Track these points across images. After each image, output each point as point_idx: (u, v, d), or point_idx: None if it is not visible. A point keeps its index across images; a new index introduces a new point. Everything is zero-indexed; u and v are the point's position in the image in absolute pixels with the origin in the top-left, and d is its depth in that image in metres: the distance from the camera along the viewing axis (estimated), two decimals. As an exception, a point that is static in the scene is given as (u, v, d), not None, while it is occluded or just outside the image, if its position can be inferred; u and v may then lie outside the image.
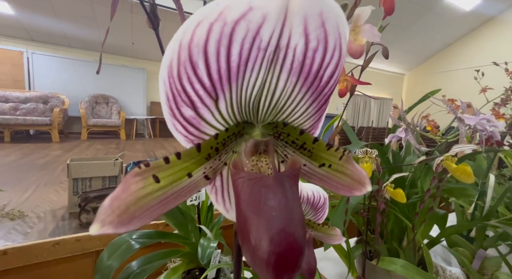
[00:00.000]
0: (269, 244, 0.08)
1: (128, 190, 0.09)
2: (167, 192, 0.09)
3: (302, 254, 0.08)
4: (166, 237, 0.52)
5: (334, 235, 0.26)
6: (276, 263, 0.07)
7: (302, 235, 0.08)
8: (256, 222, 0.08)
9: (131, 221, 0.09)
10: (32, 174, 1.78)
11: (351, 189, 0.13)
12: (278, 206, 0.08)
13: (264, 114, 0.11)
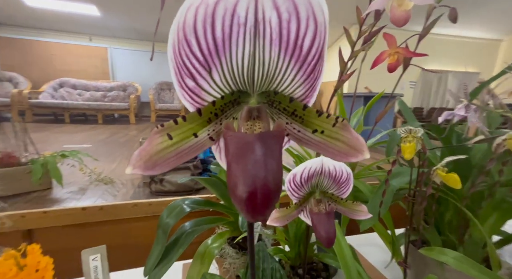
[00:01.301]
0: (243, 185, 0.09)
1: (151, 144, 0.12)
2: (179, 147, 0.12)
3: (271, 197, 0.09)
4: (213, 206, 0.59)
5: (358, 211, 0.26)
6: (248, 201, 0.09)
7: (272, 181, 0.10)
8: (235, 168, 0.10)
9: (154, 167, 0.12)
10: (117, 150, 2.19)
11: (347, 155, 0.13)
12: (254, 157, 0.10)
13: (259, 84, 0.12)
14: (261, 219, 0.10)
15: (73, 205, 1.11)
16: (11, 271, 0.17)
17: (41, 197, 1.20)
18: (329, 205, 0.25)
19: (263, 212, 0.10)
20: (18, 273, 0.17)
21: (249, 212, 0.09)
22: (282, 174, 0.11)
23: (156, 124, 0.12)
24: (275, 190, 0.10)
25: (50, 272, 0.19)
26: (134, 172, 0.12)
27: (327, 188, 0.26)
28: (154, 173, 0.12)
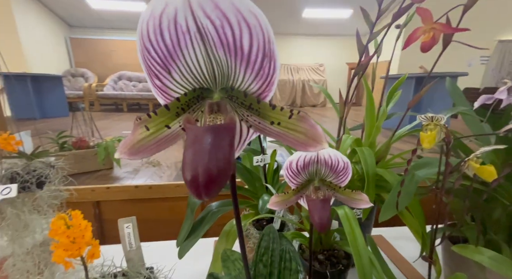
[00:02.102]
0: (187, 170, 0.11)
1: (133, 135, 0.14)
2: (157, 137, 0.15)
3: (212, 181, 0.11)
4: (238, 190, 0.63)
5: (358, 199, 0.26)
6: (191, 183, 0.11)
7: (214, 168, 0.11)
8: (185, 155, 0.12)
9: (137, 154, 0.15)
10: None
11: (306, 145, 0.14)
12: (199, 146, 0.11)
13: (220, 81, 0.14)
14: (205, 198, 0.12)
15: (128, 183, 1.30)
16: (61, 228, 0.23)
17: (105, 175, 1.42)
18: (327, 193, 0.26)
19: (206, 193, 0.11)
20: (65, 230, 0.23)
21: (193, 193, 0.11)
22: (230, 161, 0.12)
23: (137, 118, 0.14)
24: (217, 176, 0.11)
25: (89, 232, 0.24)
26: (121, 157, 0.15)
27: (325, 176, 0.26)
28: (139, 158, 0.15)
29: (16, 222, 0.46)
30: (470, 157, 0.32)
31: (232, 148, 0.12)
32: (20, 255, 0.45)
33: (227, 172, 0.12)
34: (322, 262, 0.53)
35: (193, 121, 0.13)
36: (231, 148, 0.12)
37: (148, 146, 0.15)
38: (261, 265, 0.36)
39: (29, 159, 0.46)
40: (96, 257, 0.25)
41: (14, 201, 0.44)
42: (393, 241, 0.78)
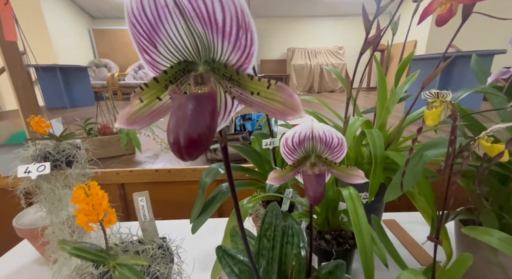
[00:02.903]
0: (170, 134, 0.13)
1: (130, 106, 0.16)
2: (150, 108, 0.16)
3: (192, 145, 0.12)
4: (247, 171, 0.66)
5: (354, 175, 0.26)
6: (173, 146, 0.13)
7: (194, 132, 0.12)
8: (169, 121, 0.13)
9: (134, 124, 0.16)
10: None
11: (285, 114, 0.15)
12: (181, 112, 0.13)
13: (203, 54, 0.15)
14: (188, 159, 0.13)
15: (149, 167, 1.38)
16: (81, 196, 0.26)
17: (128, 160, 1.52)
18: (323, 168, 0.26)
19: (187, 155, 0.13)
20: (85, 198, 0.26)
21: (175, 154, 0.13)
22: (211, 127, 0.13)
23: (132, 90, 0.16)
24: (198, 140, 0.13)
25: (105, 200, 0.27)
26: (120, 126, 0.16)
27: (321, 153, 0.26)
28: (136, 128, 0.17)
29: (51, 196, 0.52)
30: (481, 136, 0.30)
31: (213, 115, 0.13)
32: (58, 224, 0.52)
33: (207, 138, 0.13)
34: (329, 242, 0.55)
35: (178, 91, 0.14)
36: (212, 116, 0.13)
37: (144, 117, 0.16)
38: (265, 239, 0.38)
39: (58, 141, 0.51)
40: (113, 222, 0.28)
41: (49, 177, 0.50)
42: (406, 225, 0.77)
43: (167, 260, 0.34)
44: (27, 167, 0.46)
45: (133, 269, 0.27)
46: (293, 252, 0.38)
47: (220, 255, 0.42)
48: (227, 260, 0.41)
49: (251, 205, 0.63)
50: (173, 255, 0.35)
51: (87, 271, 0.28)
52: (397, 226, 0.77)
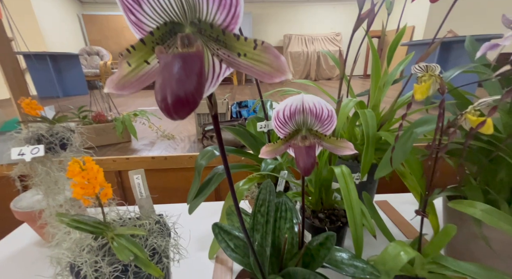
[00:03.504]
0: (158, 94, 0.13)
1: (119, 70, 0.16)
2: (138, 73, 0.16)
3: (180, 104, 0.12)
4: (242, 154, 0.66)
5: (343, 147, 0.27)
6: (162, 105, 0.13)
7: (181, 91, 0.12)
8: (157, 80, 0.13)
9: (123, 89, 0.17)
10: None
11: (272, 76, 0.15)
12: (168, 71, 0.13)
13: (189, 15, 0.15)
14: (176, 119, 0.13)
15: (145, 155, 1.38)
16: (77, 170, 0.27)
17: (125, 147, 1.52)
18: (313, 141, 0.27)
19: (176, 114, 0.13)
20: (80, 171, 0.27)
21: (164, 114, 0.13)
22: (199, 87, 0.14)
23: (119, 54, 0.16)
24: (185, 99, 0.13)
25: (101, 174, 0.28)
26: (109, 91, 0.17)
27: (311, 126, 0.27)
28: (125, 93, 0.17)
29: (47, 179, 0.52)
30: (468, 110, 0.31)
31: (201, 75, 0.14)
32: (55, 207, 0.52)
33: (195, 97, 0.13)
34: (322, 220, 0.57)
35: (164, 52, 0.14)
36: (199, 76, 0.14)
37: (132, 82, 0.16)
38: (259, 215, 0.40)
39: (51, 123, 0.51)
40: (109, 196, 0.29)
41: (43, 160, 0.50)
42: (397, 205, 0.79)
43: (164, 234, 0.35)
44: (21, 149, 0.46)
45: (131, 240, 0.28)
46: (286, 226, 0.39)
47: (216, 231, 0.43)
48: (223, 236, 0.43)
49: (246, 187, 0.64)
50: (170, 230, 0.36)
51: (87, 243, 0.29)
52: (389, 206, 0.79)
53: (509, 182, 0.45)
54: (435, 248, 0.40)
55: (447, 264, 0.38)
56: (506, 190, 0.46)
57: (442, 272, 0.39)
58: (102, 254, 0.29)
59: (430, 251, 0.40)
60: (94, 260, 0.28)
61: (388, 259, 0.38)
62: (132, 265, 0.28)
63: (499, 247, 0.44)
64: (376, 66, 0.52)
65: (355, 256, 0.36)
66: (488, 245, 0.43)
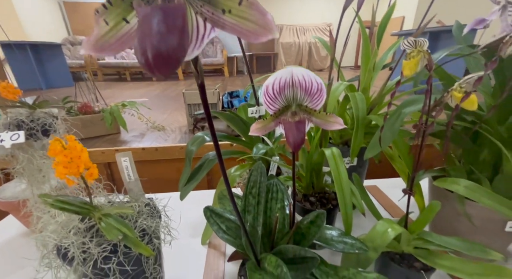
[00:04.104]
0: (139, 49, 0.12)
1: (95, 30, 0.15)
2: (117, 33, 0.15)
3: (162, 60, 0.12)
4: (233, 140, 0.66)
5: (332, 122, 0.27)
6: (143, 61, 0.12)
7: (163, 45, 0.12)
8: (136, 35, 0.13)
9: (102, 51, 0.16)
10: (168, 103, 2.44)
11: (258, 34, 0.14)
12: (148, 25, 0.12)
13: (170, -32, 0.14)
14: (159, 76, 0.13)
15: (135, 146, 1.35)
16: (58, 148, 0.26)
17: (114, 139, 1.48)
18: (303, 116, 0.27)
19: (158, 72, 0.12)
20: (62, 150, 0.26)
21: (145, 69, 0.13)
22: (182, 44, 0.13)
23: (95, 11, 0.15)
24: (167, 56, 0.12)
25: (85, 153, 0.27)
26: (86, 53, 0.16)
27: (301, 101, 0.27)
28: (105, 55, 0.16)
29: (30, 167, 0.50)
30: (454, 87, 0.32)
31: (183, 31, 0.13)
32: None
33: (177, 54, 0.13)
34: (313, 203, 0.58)
35: (142, 4, 0.14)
36: (182, 31, 0.13)
37: (112, 43, 0.15)
38: (250, 196, 0.40)
39: (32, 109, 0.49)
40: (95, 176, 0.28)
41: (24, 147, 0.48)
42: (386, 189, 0.81)
43: (155, 216, 0.34)
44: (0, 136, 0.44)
45: (120, 219, 0.27)
46: (277, 207, 0.40)
47: (208, 214, 0.43)
48: (215, 219, 0.43)
49: (238, 173, 0.64)
50: (160, 213, 0.36)
51: (73, 225, 0.28)
52: (378, 190, 0.81)
53: (491, 161, 0.47)
54: (421, 225, 0.41)
55: (431, 239, 0.39)
56: (488, 169, 0.47)
57: (427, 247, 0.40)
58: (90, 235, 0.28)
59: (416, 227, 0.42)
60: (81, 242, 0.27)
61: (376, 236, 0.39)
62: (121, 245, 0.28)
63: (480, 223, 0.46)
64: (365, 47, 0.52)
65: (344, 233, 0.37)
66: (471, 222, 0.45)
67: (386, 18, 0.52)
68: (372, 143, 0.42)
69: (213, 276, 0.52)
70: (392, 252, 0.44)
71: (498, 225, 0.44)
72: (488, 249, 0.35)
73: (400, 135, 0.48)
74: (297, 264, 0.31)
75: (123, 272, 0.28)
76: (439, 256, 0.40)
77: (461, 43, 0.55)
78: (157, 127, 1.63)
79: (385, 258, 0.43)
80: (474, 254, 0.35)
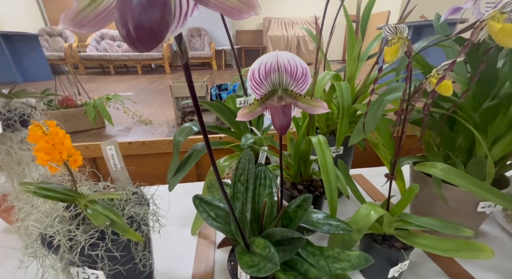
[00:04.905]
0: (119, 24, 0.12)
1: (74, 3, 0.15)
2: (97, 8, 0.15)
3: (144, 35, 0.12)
4: (222, 130, 0.66)
5: (317, 106, 0.28)
6: (125, 37, 0.12)
7: (145, 19, 0.12)
8: (116, 6, 0.13)
9: (81, 27, 0.15)
10: (154, 96, 2.38)
11: (241, 11, 0.15)
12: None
13: None
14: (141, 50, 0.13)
15: (121, 140, 1.32)
16: (38, 133, 0.25)
17: (98, 134, 1.44)
18: (289, 100, 0.27)
19: (142, 46, 0.12)
20: (43, 136, 0.25)
21: (127, 42, 0.13)
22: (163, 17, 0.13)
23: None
24: (149, 30, 0.12)
25: (68, 140, 0.26)
26: (64, 28, 0.15)
27: (287, 85, 0.27)
28: (85, 31, 0.16)
29: (9, 160, 0.48)
30: (432, 74, 0.33)
31: (165, 5, 0.13)
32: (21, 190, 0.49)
33: (160, 26, 0.13)
34: (301, 191, 0.59)
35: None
36: (164, 5, 0.13)
37: (91, 19, 0.15)
38: (239, 183, 0.40)
39: (8, 98, 0.47)
40: (79, 163, 0.27)
41: (1, 138, 0.46)
42: (372, 178, 0.84)
43: (143, 204, 0.34)
44: (-25, 126, 0.42)
45: (106, 206, 0.27)
46: (266, 193, 0.41)
47: (197, 203, 0.43)
48: (204, 207, 0.43)
49: (227, 164, 0.65)
50: (148, 201, 0.35)
51: (58, 214, 0.28)
52: (363, 178, 0.84)
53: (465, 147, 0.50)
54: (401, 207, 0.43)
55: (410, 220, 0.42)
56: (463, 154, 0.50)
57: (407, 227, 0.43)
58: (76, 223, 0.28)
59: (397, 210, 0.44)
60: (67, 229, 0.27)
61: (360, 218, 0.41)
62: (109, 231, 0.28)
63: (455, 205, 0.49)
64: (350, 37, 0.53)
65: (330, 216, 0.38)
66: (446, 204, 0.48)
67: (367, 10, 0.53)
68: (357, 129, 0.44)
69: (203, 265, 0.53)
70: (375, 233, 0.46)
71: (471, 207, 0.47)
72: (461, 227, 0.37)
73: (383, 123, 0.50)
74: (284, 245, 0.32)
75: (112, 258, 0.28)
76: (417, 236, 0.42)
77: (441, 34, 0.57)
78: (144, 121, 1.60)
79: (368, 239, 0.45)
80: (448, 231, 0.38)
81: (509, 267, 0.48)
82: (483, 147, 0.42)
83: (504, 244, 0.54)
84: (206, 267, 0.52)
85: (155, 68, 4.82)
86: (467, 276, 0.46)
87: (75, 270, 0.27)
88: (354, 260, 0.32)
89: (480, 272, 0.47)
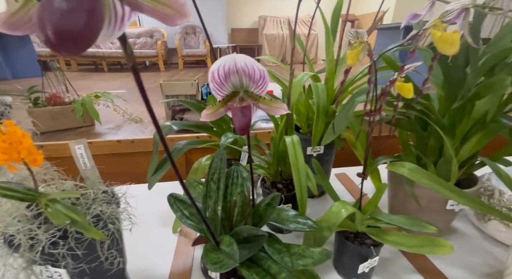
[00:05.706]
0: (37, 27, 0.12)
1: (6, 6, 0.15)
2: (29, 11, 0.15)
3: (65, 40, 0.12)
4: (202, 129, 0.66)
5: (277, 108, 0.28)
6: (44, 41, 0.13)
7: (65, 23, 0.12)
8: (37, 7, 0.13)
9: (15, 29, 0.16)
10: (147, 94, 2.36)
11: (173, 18, 0.15)
12: (47, 3, 0.13)
13: None
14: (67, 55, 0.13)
15: (110, 138, 1.31)
16: (-4, 133, 0.25)
17: (87, 132, 1.43)
18: (249, 102, 0.28)
19: (65, 51, 0.13)
20: (1, 135, 0.25)
21: (49, 48, 0.13)
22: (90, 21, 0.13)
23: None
24: (70, 32, 0.13)
25: (27, 139, 0.26)
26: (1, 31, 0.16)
27: (247, 87, 0.28)
28: (19, 34, 0.16)
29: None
30: (395, 76, 0.34)
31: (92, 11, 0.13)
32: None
33: (84, 33, 0.13)
34: (280, 189, 0.60)
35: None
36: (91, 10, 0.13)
37: (25, 22, 0.15)
38: (211, 182, 0.41)
39: (-19, 97, 0.46)
40: (39, 163, 0.27)
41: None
42: (354, 177, 0.86)
43: (112, 203, 0.35)
44: None
45: (68, 205, 0.27)
46: (237, 191, 0.41)
47: (171, 201, 0.44)
48: (178, 206, 0.44)
49: (208, 162, 0.65)
50: (118, 199, 0.36)
51: (20, 213, 0.28)
52: (346, 177, 0.85)
53: (436, 147, 0.51)
54: (372, 206, 0.44)
55: (380, 218, 0.43)
56: (434, 154, 0.52)
57: (377, 225, 0.44)
58: (38, 222, 0.28)
59: (368, 208, 0.45)
60: (28, 228, 0.27)
61: (331, 216, 0.42)
62: (72, 230, 0.28)
63: (426, 203, 0.50)
64: (327, 39, 0.54)
65: (299, 214, 0.39)
66: (417, 202, 0.49)
67: (336, 12, 0.54)
68: (329, 130, 0.45)
69: (182, 262, 0.54)
70: (348, 231, 0.47)
71: (441, 204, 0.48)
72: (425, 224, 0.38)
73: (358, 123, 0.51)
74: (250, 242, 0.33)
75: (75, 256, 0.28)
76: (387, 233, 0.44)
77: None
78: (134, 119, 1.59)
79: (341, 237, 0.46)
80: (414, 228, 0.39)
81: (475, 263, 0.50)
82: (449, 147, 0.43)
83: (473, 241, 0.55)
84: (184, 264, 0.53)
85: (149, 66, 4.77)
86: (436, 271, 0.48)
87: (38, 269, 0.28)
88: (316, 256, 0.33)
89: (448, 267, 0.49)
